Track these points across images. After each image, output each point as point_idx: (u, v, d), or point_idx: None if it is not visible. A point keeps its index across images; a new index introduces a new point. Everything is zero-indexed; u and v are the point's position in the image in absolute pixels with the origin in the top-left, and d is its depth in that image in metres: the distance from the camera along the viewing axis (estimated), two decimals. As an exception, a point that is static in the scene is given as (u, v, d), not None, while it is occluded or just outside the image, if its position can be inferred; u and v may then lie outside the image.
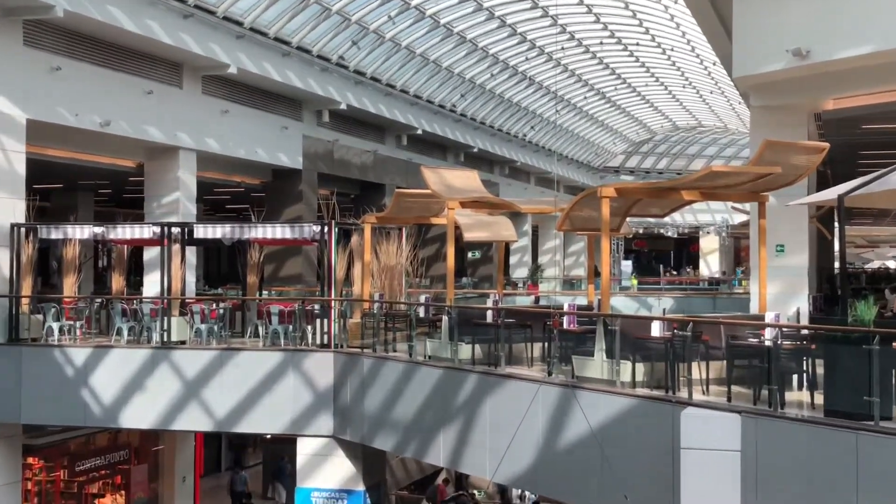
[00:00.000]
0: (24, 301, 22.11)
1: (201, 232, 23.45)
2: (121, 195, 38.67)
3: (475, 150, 47.48)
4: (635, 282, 52.42)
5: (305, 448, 20.68)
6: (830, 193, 14.88)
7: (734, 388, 13.21)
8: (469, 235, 21.71)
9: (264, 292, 28.01)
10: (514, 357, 17.33)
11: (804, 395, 12.89)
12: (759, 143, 16.22)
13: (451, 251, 21.03)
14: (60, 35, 23.44)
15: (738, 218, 56.96)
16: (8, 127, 22.01)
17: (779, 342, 13.06)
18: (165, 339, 21.58)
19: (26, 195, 22.87)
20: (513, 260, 54.86)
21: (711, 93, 51.70)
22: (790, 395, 12.69)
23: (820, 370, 12.52)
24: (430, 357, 18.47)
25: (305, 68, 32.38)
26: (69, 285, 23.48)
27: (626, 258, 65.82)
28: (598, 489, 14.21)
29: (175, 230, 23.06)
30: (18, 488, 22.57)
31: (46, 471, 25.49)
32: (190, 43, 26.44)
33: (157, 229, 23.16)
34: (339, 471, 20.44)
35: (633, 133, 65.34)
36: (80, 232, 23.62)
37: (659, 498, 13.02)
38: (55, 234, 23.38)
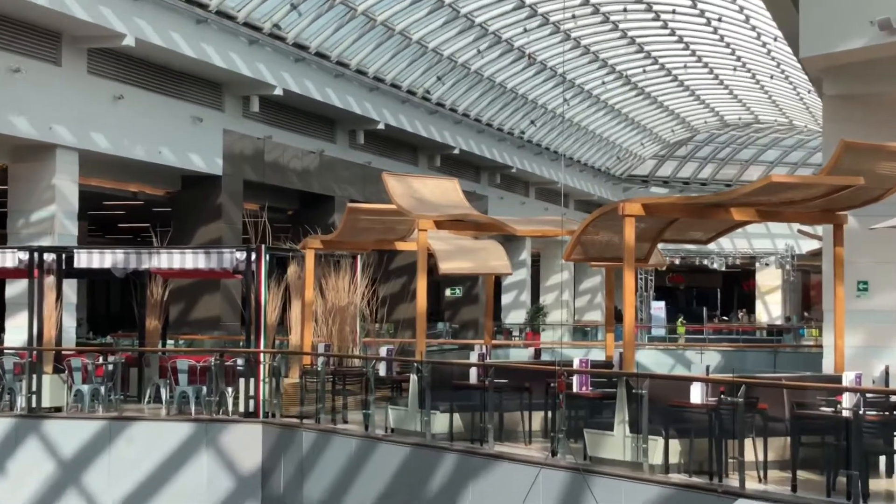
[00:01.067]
0: None
1: (85, 260, 23.27)
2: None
3: (456, 151, 47.52)
4: (682, 329, 52.44)
5: (224, 552, 20.61)
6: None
7: (801, 474, 13.21)
8: (446, 266, 21.71)
9: (169, 342, 27.88)
10: (506, 430, 17.35)
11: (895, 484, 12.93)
12: (834, 144, 16.28)
13: (422, 287, 20.97)
14: None
15: (807, 245, 57.10)
16: None
17: (861, 412, 13.08)
18: (34, 405, 21.41)
19: None
20: (506, 299, 54.92)
21: (772, 78, 51.86)
22: (876, 484, 12.75)
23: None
24: (393, 430, 18.44)
25: (228, 41, 32.35)
26: None
27: (657, 298, 65.73)
28: None
29: (49, 257, 22.88)
30: None
31: None
32: (71, 5, 26.23)
33: (25, 256, 22.92)
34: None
35: (667, 131, 65.54)
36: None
37: None
38: None
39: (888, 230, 18.61)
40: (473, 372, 18.02)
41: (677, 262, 65.45)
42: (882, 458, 13.42)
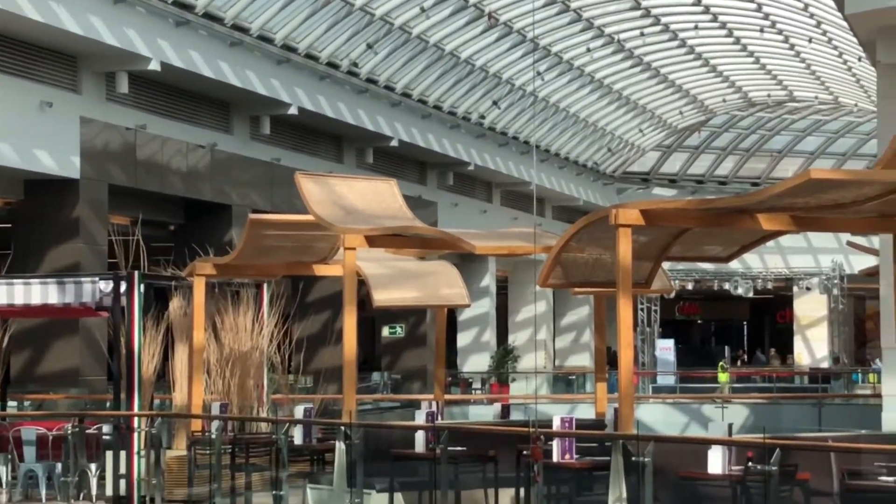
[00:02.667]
0: None
1: None
2: None
3: (393, 143, 47.56)
4: (725, 377, 52.45)
5: None
6: None
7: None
8: (383, 297, 21.76)
9: (11, 403, 27.79)
10: (462, 514, 17.35)
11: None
12: (893, 128, 16.44)
13: (350, 325, 21.00)
14: None
15: (861, 262, 57.60)
16: None
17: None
18: None
19: None
20: (463, 340, 55.13)
21: (811, 41, 52.21)
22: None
23: None
24: (313, 516, 18.43)
25: (87, 1, 32.29)
26: None
27: (664, 336, 65.98)
28: None
29: None
30: None
31: None
32: None
33: None
34: None
35: (673, 115, 65.83)
36: None
37: None
38: None
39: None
40: (420, 437, 18.06)
41: (690, 286, 65.88)
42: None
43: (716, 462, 14.68)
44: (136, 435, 20.96)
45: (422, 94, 48.45)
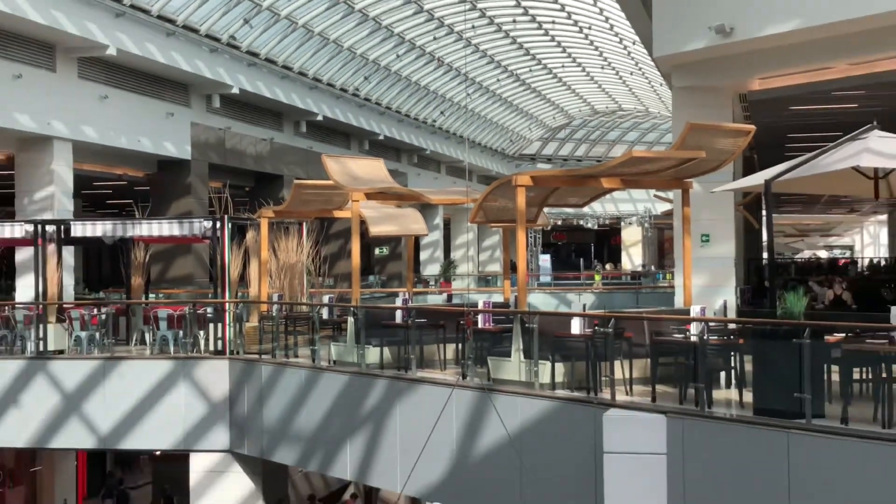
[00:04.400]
0: None
1: (80, 230, 23.11)
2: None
3: (381, 137, 47.35)
4: (599, 277, 52.61)
5: (199, 464, 20.47)
6: (757, 179, 15.19)
7: (659, 388, 13.38)
8: (375, 230, 21.70)
9: (151, 295, 27.61)
10: (425, 360, 17.35)
11: (732, 394, 13.12)
12: (681, 126, 16.43)
13: (356, 247, 20.96)
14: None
15: (661, 207, 57.75)
16: None
17: (705, 338, 13.25)
18: (41, 349, 21.20)
19: None
20: (423, 256, 54.96)
21: (632, 74, 52.15)
22: (718, 394, 12.92)
23: (749, 366, 12.74)
24: (334, 362, 18.41)
25: (193, 49, 31.98)
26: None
27: (544, 252, 66.08)
28: (517, 499, 14.31)
29: (50, 228, 22.66)
30: None
31: None
32: (63, 21, 25.91)
33: (30, 228, 22.75)
34: (236, 488, 20.29)
35: (549, 118, 65.73)
36: (-58, 232, 23.20)
37: (584, 502, 13.17)
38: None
39: (725, 193, 18.89)
40: (398, 314, 18.03)
41: (559, 222, 65.96)
42: (722, 374, 13.59)
43: (576, 327, 14.71)
44: (227, 314, 20.90)
45: (398, 106, 48.25)
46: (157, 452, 29.27)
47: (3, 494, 26.61)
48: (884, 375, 11.32)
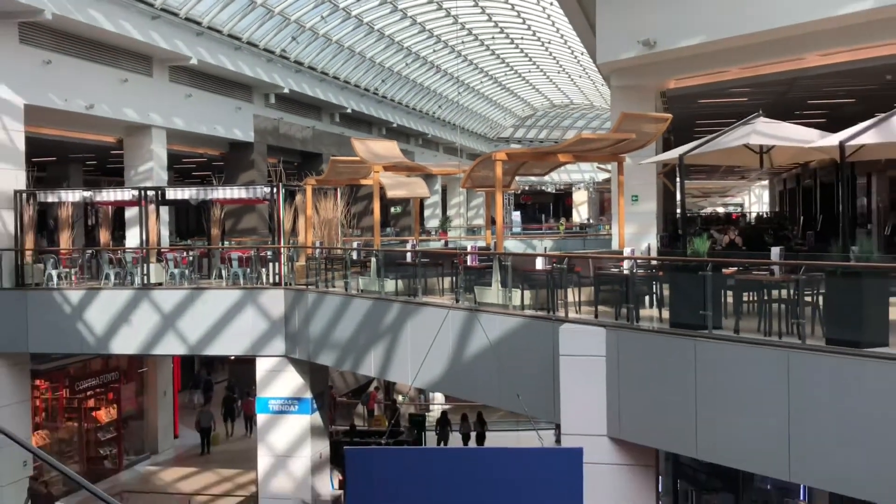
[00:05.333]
0: (28, 253, 21.64)
1: (172, 194, 23.06)
2: (105, 165, 37.65)
3: (394, 125, 47.12)
4: (562, 228, 52.60)
5: (263, 366, 20.61)
6: (673, 153, 15.12)
7: (600, 308, 13.43)
8: (391, 193, 21.62)
9: (225, 242, 27.63)
10: (428, 289, 17.39)
11: (654, 312, 13.17)
12: (617, 115, 16.39)
13: (377, 206, 20.95)
14: (50, 34, 22.71)
15: (602, 175, 57.71)
16: (9, 111, 21.47)
17: (634, 271, 13.30)
18: (145, 282, 21.25)
19: (26, 167, 22.35)
20: (427, 213, 54.91)
21: (580, 77, 51.91)
22: (643, 312, 12.98)
23: (666, 292, 12.78)
24: (361, 291, 18.43)
25: (254, 59, 31.72)
26: (64, 240, 22.96)
27: (515, 210, 66.06)
28: (497, 390, 14.43)
29: (150, 193, 22.62)
30: (28, 405, 22.20)
31: (52, 390, 25.03)
32: (158, 39, 25.76)
33: (136, 193, 22.77)
34: (290, 383, 20.44)
35: (518, 110, 65.45)
36: (72, 196, 23.07)
37: (543, 395, 13.25)
38: (51, 198, 22.93)
39: (649, 164, 18.83)
40: (408, 255, 18.07)
41: (527, 188, 65.77)
42: (646, 297, 13.64)
43: (539, 264, 14.74)
44: (282, 256, 20.91)
45: (407, 102, 48.03)
46: (232, 357, 29.46)
47: (119, 388, 26.77)
48: (765, 298, 11.37)
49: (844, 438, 9.52)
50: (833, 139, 12.14)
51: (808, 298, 10.78)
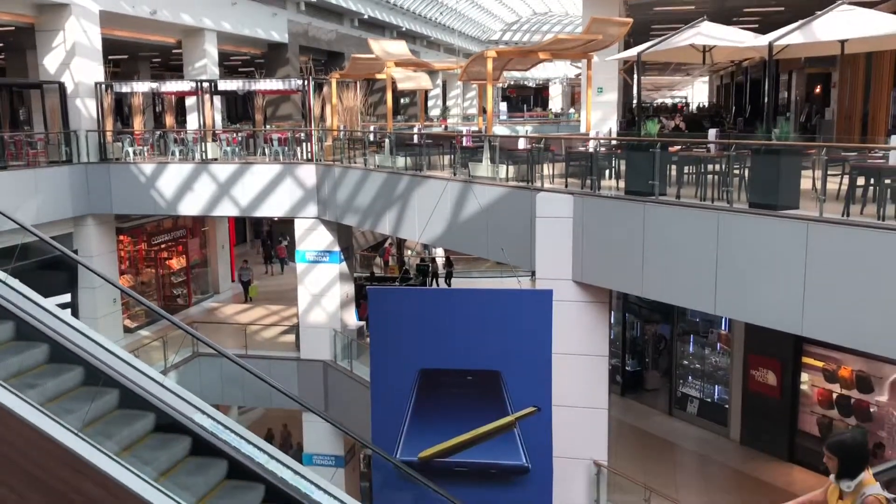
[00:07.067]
0: (108, 134, 21.38)
1: (223, 86, 22.57)
2: (168, 62, 36.80)
3: (403, 28, 45.46)
4: (552, 115, 51.43)
5: (300, 225, 20.70)
6: (632, 52, 14.71)
7: (570, 180, 13.36)
8: (401, 85, 21.25)
9: (267, 126, 27.23)
10: (432, 165, 17.24)
11: (613, 182, 13.13)
12: (587, 20, 15.85)
13: (389, 97, 20.57)
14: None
15: (574, 72, 56.25)
16: (87, 16, 20.77)
17: (598, 150, 13.18)
18: (204, 157, 21.06)
19: (104, 63, 21.79)
20: (430, 103, 53.90)
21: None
22: (604, 182, 12.92)
23: (623, 166, 12.70)
24: (377, 166, 18.26)
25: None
26: (137, 123, 22.64)
27: (502, 101, 64.63)
28: (485, 245, 14.55)
29: (205, 85, 22.13)
30: (115, 256, 22.47)
31: (133, 244, 25.25)
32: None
33: (194, 84, 22.27)
34: (322, 239, 20.59)
35: (506, 16, 63.20)
36: (142, 87, 22.63)
37: (523, 248, 13.37)
38: (125, 89, 22.38)
39: (612, 62, 18.34)
40: (416, 137, 17.86)
41: (512, 82, 64.21)
42: (607, 171, 13.55)
43: (521, 144, 14.60)
44: (313, 137, 20.64)
45: (415, 9, 46.33)
46: (276, 218, 29.55)
47: (187, 242, 26.99)
48: (702, 171, 11.31)
49: (759, 280, 9.68)
50: (763, 40, 11.79)
51: (737, 171, 10.73)
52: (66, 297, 19.53)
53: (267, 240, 33.70)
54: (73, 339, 7.59)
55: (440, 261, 32.50)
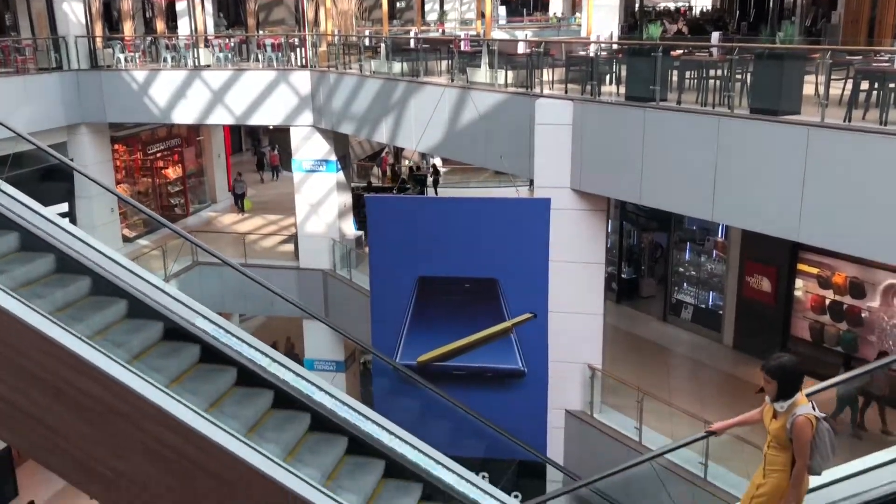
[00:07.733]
0: (98, 40, 20.80)
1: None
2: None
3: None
4: (555, 19, 50.09)
5: (297, 134, 20.41)
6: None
7: (570, 85, 13.11)
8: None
9: (261, 31, 26.48)
10: (429, 70, 16.84)
11: (613, 88, 12.89)
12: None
13: (384, 0, 19.91)
14: None
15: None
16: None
17: (598, 54, 12.89)
18: (197, 64, 20.57)
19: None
20: (427, 7, 52.30)
21: None
22: (605, 88, 12.70)
23: (623, 71, 12.45)
24: (373, 72, 17.85)
25: None
26: (128, 28, 22.01)
27: (501, 4, 62.58)
28: (484, 153, 14.41)
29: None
30: (110, 165, 22.21)
31: (128, 153, 24.99)
32: None
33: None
34: (319, 148, 20.35)
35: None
36: (128, -10, 21.88)
37: (521, 157, 13.26)
38: (111, -8, 21.68)
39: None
40: (412, 42, 17.42)
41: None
42: (608, 76, 13.24)
43: (521, 48, 14.27)
44: (307, 42, 20.08)
45: None
46: (271, 126, 29.15)
47: (182, 151, 26.71)
48: (703, 76, 11.11)
49: (757, 186, 9.66)
50: (774, -62, 11.35)
51: (739, 76, 10.53)
52: (65, 207, 19.50)
53: (259, 147, 33.66)
54: (78, 249, 7.66)
55: (428, 169, 32.50)
